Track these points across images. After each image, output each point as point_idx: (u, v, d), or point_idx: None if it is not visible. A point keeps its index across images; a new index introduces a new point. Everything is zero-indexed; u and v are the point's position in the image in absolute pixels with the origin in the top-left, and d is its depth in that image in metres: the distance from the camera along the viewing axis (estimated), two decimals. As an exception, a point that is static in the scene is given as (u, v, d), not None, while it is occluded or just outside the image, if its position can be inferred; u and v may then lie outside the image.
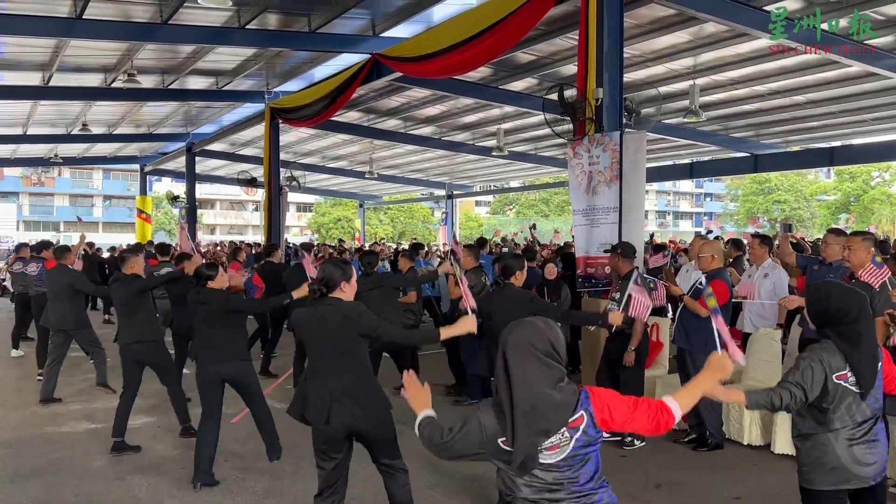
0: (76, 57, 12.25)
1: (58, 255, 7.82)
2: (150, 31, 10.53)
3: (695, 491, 4.99)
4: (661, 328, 6.89)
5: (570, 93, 7.60)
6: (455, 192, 27.40)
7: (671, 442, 6.05)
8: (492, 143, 17.23)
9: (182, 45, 11.68)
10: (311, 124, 14.03)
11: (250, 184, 20.74)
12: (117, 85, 13.33)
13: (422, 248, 12.69)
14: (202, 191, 33.14)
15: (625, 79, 7.39)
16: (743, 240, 10.31)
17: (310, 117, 13.21)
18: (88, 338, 7.81)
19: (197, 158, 21.18)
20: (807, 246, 10.16)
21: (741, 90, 12.29)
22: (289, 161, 19.53)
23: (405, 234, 46.72)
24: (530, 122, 15.52)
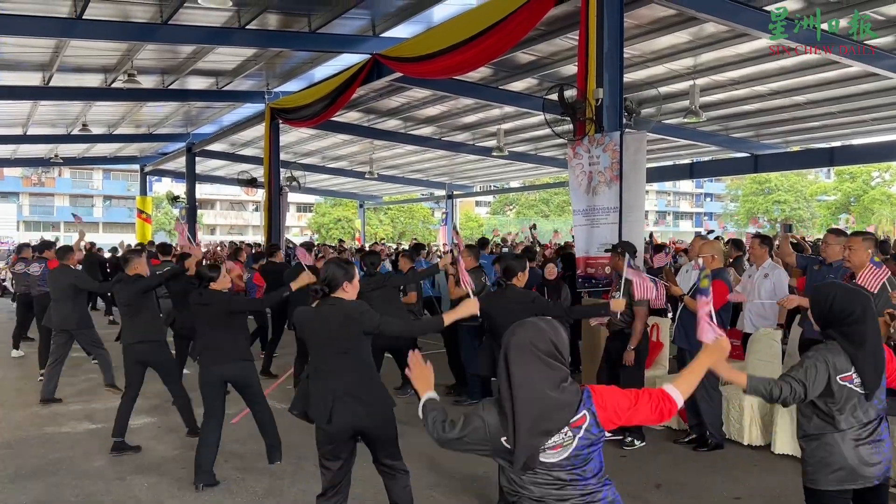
0: (76, 57, 12.26)
1: (60, 255, 7.82)
2: (150, 32, 10.54)
3: (695, 491, 4.99)
4: (662, 328, 6.89)
5: (571, 93, 7.61)
6: (455, 193, 27.39)
7: (671, 442, 6.06)
8: (492, 143, 17.23)
9: (182, 45, 11.69)
10: (311, 124, 14.04)
11: (250, 184, 20.74)
12: (117, 85, 13.34)
13: (423, 248, 12.69)
14: (202, 191, 33.12)
15: (625, 79, 7.40)
16: (743, 240, 10.31)
17: (310, 117, 13.22)
18: (91, 338, 7.80)
19: (197, 159, 21.19)
20: (807, 246, 10.16)
21: (741, 90, 12.30)
22: (289, 161, 19.53)
23: (405, 235, 46.72)
24: (530, 122, 15.53)
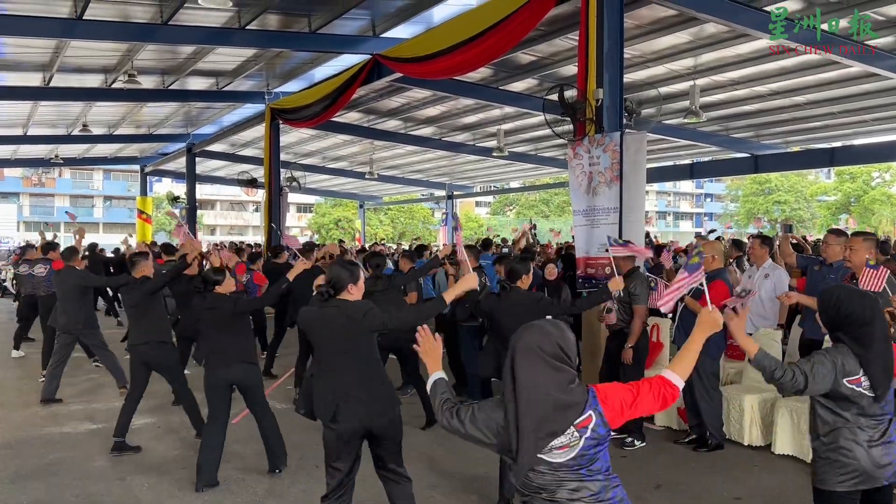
0: (76, 58, 12.26)
1: (66, 256, 7.82)
2: (150, 32, 10.53)
3: (695, 491, 4.99)
4: (662, 328, 6.88)
5: (571, 93, 7.60)
6: (455, 193, 27.40)
7: (671, 442, 6.06)
8: (492, 143, 17.23)
9: (182, 45, 11.68)
10: (311, 125, 14.03)
11: (250, 184, 20.74)
12: (118, 86, 13.34)
13: (426, 249, 12.65)
14: (202, 191, 33.07)
15: (625, 79, 7.39)
16: (744, 240, 10.30)
17: (310, 118, 13.22)
18: (97, 339, 7.79)
19: (197, 159, 21.19)
20: (807, 246, 10.16)
21: (741, 91, 12.29)
22: (289, 162, 19.53)
23: (405, 235, 46.70)
24: (530, 122, 15.53)
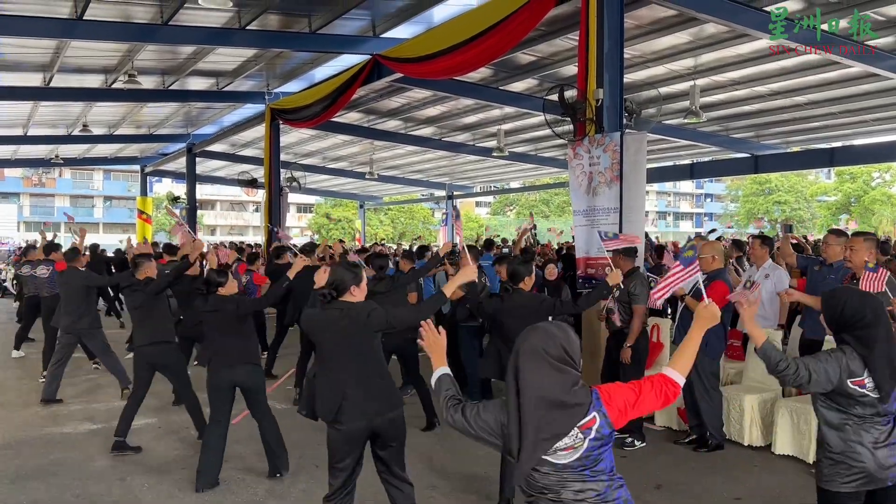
0: (77, 58, 12.26)
1: (68, 257, 7.81)
2: (150, 32, 10.53)
3: (695, 492, 4.99)
4: (662, 329, 6.88)
5: (571, 93, 7.60)
6: (455, 193, 27.37)
7: (671, 443, 6.06)
8: (492, 143, 17.22)
9: (182, 45, 11.68)
10: (311, 125, 14.03)
11: (251, 185, 20.72)
12: (118, 86, 13.33)
13: (427, 249, 12.64)
14: (203, 192, 33.08)
15: (625, 79, 7.39)
16: (745, 240, 10.30)
17: (310, 118, 13.22)
18: (99, 340, 7.77)
19: (197, 159, 21.19)
20: (808, 246, 10.16)
21: (742, 91, 12.29)
22: (289, 162, 19.52)
23: (405, 235, 46.69)
24: (531, 122, 15.52)
